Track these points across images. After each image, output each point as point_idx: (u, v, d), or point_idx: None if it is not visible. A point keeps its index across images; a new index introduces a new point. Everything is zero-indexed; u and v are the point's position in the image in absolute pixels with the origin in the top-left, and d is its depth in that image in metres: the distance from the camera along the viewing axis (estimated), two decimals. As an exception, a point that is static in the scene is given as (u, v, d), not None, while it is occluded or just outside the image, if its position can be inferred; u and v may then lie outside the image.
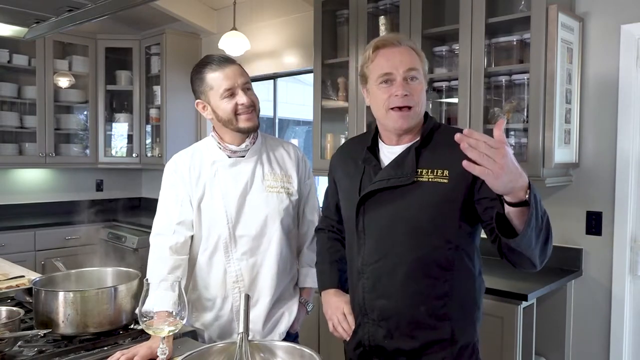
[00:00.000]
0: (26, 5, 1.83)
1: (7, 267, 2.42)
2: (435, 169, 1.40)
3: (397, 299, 1.42)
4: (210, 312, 1.74)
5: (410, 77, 1.41)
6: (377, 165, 1.49)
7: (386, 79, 1.42)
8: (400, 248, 1.42)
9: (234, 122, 1.66)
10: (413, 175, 1.41)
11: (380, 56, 1.44)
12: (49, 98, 4.43)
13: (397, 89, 1.40)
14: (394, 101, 1.41)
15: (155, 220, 1.73)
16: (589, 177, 2.57)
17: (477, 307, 1.47)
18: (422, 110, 1.47)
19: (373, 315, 1.48)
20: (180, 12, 4.28)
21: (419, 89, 1.43)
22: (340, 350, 1.66)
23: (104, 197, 5.11)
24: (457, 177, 1.37)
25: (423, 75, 1.45)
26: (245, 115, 1.66)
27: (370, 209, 1.47)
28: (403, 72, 1.40)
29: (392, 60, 1.42)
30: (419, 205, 1.40)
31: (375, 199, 1.46)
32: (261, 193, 1.71)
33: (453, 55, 2.74)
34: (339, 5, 3.19)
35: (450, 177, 1.39)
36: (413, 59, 1.43)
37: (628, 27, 2.41)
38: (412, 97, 1.41)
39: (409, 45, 1.45)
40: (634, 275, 2.47)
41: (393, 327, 1.44)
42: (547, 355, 2.60)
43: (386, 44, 1.44)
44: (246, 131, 1.69)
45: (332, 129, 3.33)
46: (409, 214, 1.41)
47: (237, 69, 1.68)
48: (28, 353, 1.39)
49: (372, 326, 1.48)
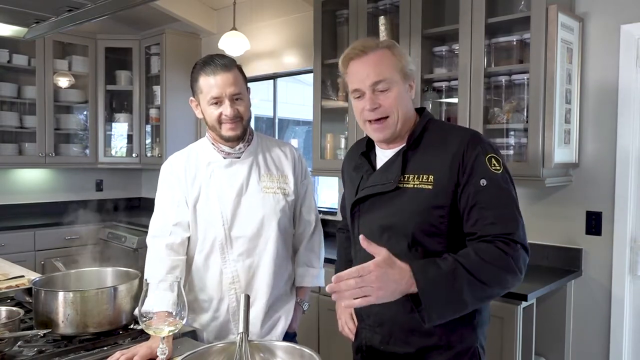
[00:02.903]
0: (26, 5, 1.83)
1: (7, 267, 2.42)
2: (420, 174, 1.38)
3: (391, 306, 1.34)
4: (206, 313, 1.74)
5: (379, 89, 1.37)
6: (368, 171, 1.49)
7: (357, 95, 1.42)
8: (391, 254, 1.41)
9: (217, 129, 1.66)
10: (396, 182, 1.39)
11: (350, 69, 1.42)
12: (48, 98, 4.43)
13: (366, 103, 1.39)
14: (366, 115, 1.41)
15: (152, 222, 1.73)
16: (588, 177, 2.57)
17: (478, 312, 1.42)
18: (404, 115, 1.41)
19: (369, 321, 1.48)
20: (180, 12, 4.28)
21: (391, 97, 1.38)
22: (340, 350, 1.67)
23: (103, 197, 5.11)
24: (441, 182, 1.35)
25: (401, 76, 1.40)
26: (229, 125, 1.65)
27: (362, 214, 1.48)
28: (369, 85, 1.37)
29: (358, 74, 1.40)
30: (405, 212, 1.38)
31: (367, 204, 1.46)
32: (257, 194, 1.71)
33: (453, 55, 2.74)
34: (339, 5, 3.19)
35: (434, 182, 1.35)
36: (381, 67, 1.37)
37: (628, 27, 2.41)
38: (384, 108, 1.38)
39: (379, 48, 1.40)
40: (634, 275, 2.47)
41: (388, 333, 1.44)
42: (547, 355, 2.60)
43: (353, 55, 1.41)
44: (228, 139, 1.69)
45: (332, 129, 3.33)
46: (396, 221, 1.38)
47: (230, 77, 1.63)
48: (28, 353, 1.39)
49: (369, 332, 1.49)
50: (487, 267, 1.24)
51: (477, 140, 1.38)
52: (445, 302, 1.21)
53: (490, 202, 1.31)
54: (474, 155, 1.34)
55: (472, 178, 1.33)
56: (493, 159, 1.35)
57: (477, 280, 1.22)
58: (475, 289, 1.23)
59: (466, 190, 1.33)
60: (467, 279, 1.22)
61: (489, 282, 1.24)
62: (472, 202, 1.32)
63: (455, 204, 1.35)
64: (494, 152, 1.37)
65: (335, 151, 3.30)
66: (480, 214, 1.31)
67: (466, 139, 1.37)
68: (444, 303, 1.21)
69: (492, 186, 1.32)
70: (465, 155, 1.35)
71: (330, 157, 3.30)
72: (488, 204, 1.31)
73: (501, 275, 1.26)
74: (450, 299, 1.21)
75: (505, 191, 1.34)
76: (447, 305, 1.22)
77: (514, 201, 1.34)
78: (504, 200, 1.33)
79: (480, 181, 1.32)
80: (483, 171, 1.33)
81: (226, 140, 1.69)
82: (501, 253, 1.26)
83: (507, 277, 1.27)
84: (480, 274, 1.23)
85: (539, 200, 2.70)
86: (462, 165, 1.34)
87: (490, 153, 1.36)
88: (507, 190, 1.34)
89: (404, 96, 1.41)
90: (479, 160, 1.34)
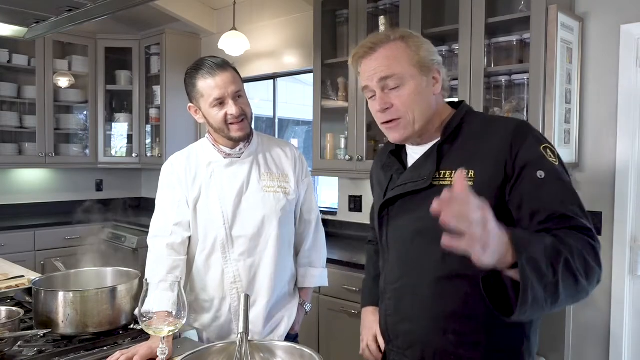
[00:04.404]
0: (26, 5, 1.83)
1: (7, 267, 2.42)
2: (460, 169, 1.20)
3: (422, 324, 1.23)
4: (208, 313, 1.74)
5: (390, 87, 1.24)
6: (399, 170, 1.35)
7: (370, 95, 1.29)
8: (424, 263, 1.25)
9: (225, 131, 1.65)
10: (430, 178, 1.23)
11: (361, 69, 1.30)
12: (48, 98, 4.43)
13: (376, 104, 1.26)
14: (378, 117, 1.29)
15: (153, 222, 1.73)
16: (588, 177, 2.56)
17: (526, 337, 1.20)
18: (423, 113, 1.26)
19: (398, 342, 1.32)
20: (180, 12, 4.28)
21: (404, 94, 1.23)
22: (340, 351, 1.66)
23: (104, 197, 5.11)
24: (483, 177, 1.17)
25: (418, 70, 1.24)
26: (237, 125, 1.64)
27: (392, 219, 1.33)
28: (377, 82, 1.24)
29: (367, 72, 1.27)
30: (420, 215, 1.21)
31: (397, 207, 1.31)
32: (258, 193, 1.71)
33: (453, 55, 2.74)
34: (338, 5, 3.20)
35: (476, 178, 1.18)
36: (391, 61, 1.23)
37: (628, 27, 2.41)
38: (396, 108, 1.24)
39: (391, 41, 1.25)
40: (634, 275, 2.47)
41: (419, 357, 1.27)
42: (547, 355, 2.60)
43: (362, 53, 1.29)
44: (237, 140, 1.68)
45: (332, 129, 3.33)
46: (430, 224, 1.07)
47: (229, 76, 1.62)
48: (28, 353, 1.39)
49: (397, 355, 1.33)
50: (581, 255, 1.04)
51: (525, 128, 1.22)
52: (544, 286, 0.97)
53: (556, 196, 1.13)
54: (525, 145, 1.17)
55: (525, 170, 1.15)
56: (548, 149, 1.19)
57: (574, 266, 1.01)
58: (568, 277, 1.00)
59: (519, 185, 1.15)
60: (564, 262, 1.00)
61: (585, 272, 1.03)
62: (531, 197, 1.14)
63: (502, 202, 1.16)
64: (547, 142, 1.22)
65: (335, 151, 3.30)
66: (546, 209, 1.11)
67: (511, 128, 1.21)
68: (543, 288, 0.97)
69: (553, 178, 1.15)
70: (513, 145, 1.18)
71: (330, 157, 3.30)
72: (553, 198, 1.13)
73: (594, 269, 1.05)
74: (547, 283, 0.98)
75: (568, 184, 1.17)
76: (545, 290, 0.97)
77: (578, 196, 1.17)
78: (570, 193, 1.15)
79: (538, 173, 1.15)
80: (539, 162, 1.16)
81: (236, 141, 1.68)
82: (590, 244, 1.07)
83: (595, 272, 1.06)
84: (576, 261, 1.02)
85: (539, 200, 2.70)
86: (511, 157, 1.17)
87: (545, 143, 1.20)
88: (570, 183, 1.18)
89: (422, 92, 1.25)
90: (533, 149, 1.17)
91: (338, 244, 3.25)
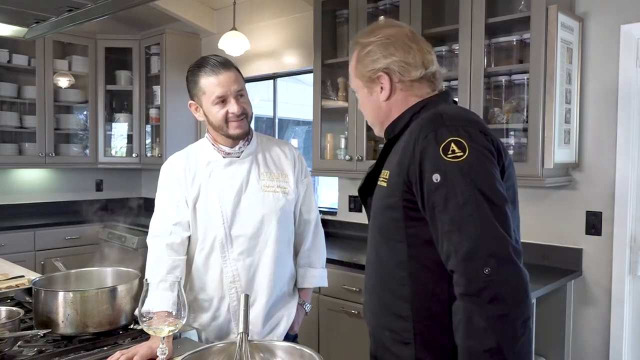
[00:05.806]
0: (26, 5, 1.83)
1: (7, 267, 2.42)
2: (385, 170, 1.21)
3: (370, 318, 1.25)
4: (207, 313, 1.74)
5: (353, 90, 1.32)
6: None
7: None
8: (371, 260, 1.29)
9: (224, 129, 1.66)
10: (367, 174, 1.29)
11: None
12: (48, 98, 4.42)
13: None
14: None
15: (152, 222, 1.73)
16: (588, 177, 2.57)
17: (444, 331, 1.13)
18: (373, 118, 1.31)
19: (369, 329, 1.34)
20: (180, 12, 4.28)
21: (360, 103, 1.33)
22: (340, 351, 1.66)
23: (103, 197, 5.11)
24: (392, 178, 1.15)
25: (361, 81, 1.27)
26: (236, 123, 1.65)
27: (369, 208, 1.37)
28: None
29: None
30: (373, 211, 1.26)
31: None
32: (257, 193, 1.71)
33: (453, 55, 2.74)
34: (338, 5, 3.20)
35: (388, 179, 1.17)
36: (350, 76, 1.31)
37: (628, 27, 2.41)
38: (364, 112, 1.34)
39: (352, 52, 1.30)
40: (634, 276, 2.47)
41: (373, 349, 1.31)
42: (547, 355, 2.60)
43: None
44: (236, 137, 1.69)
45: (332, 129, 3.33)
46: (371, 222, 1.26)
47: (232, 75, 1.64)
48: (28, 353, 1.39)
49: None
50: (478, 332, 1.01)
51: (433, 123, 1.10)
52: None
53: (445, 208, 1.04)
54: (423, 143, 1.08)
55: (424, 174, 1.07)
56: (453, 144, 1.05)
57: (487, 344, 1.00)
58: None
59: (421, 191, 1.09)
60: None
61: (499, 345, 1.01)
62: (429, 207, 1.07)
63: (409, 206, 1.12)
64: (457, 134, 1.06)
65: (335, 151, 3.30)
66: (437, 227, 1.06)
67: (420, 124, 1.13)
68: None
69: (446, 183, 1.04)
70: (415, 144, 1.10)
71: (330, 157, 3.30)
72: (442, 211, 1.04)
73: (503, 335, 1.00)
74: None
75: (463, 186, 1.03)
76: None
77: (475, 201, 1.02)
78: (461, 201, 1.02)
79: (433, 177, 1.05)
80: (435, 163, 1.05)
81: (234, 138, 1.68)
82: (474, 320, 1.01)
83: (511, 328, 1.01)
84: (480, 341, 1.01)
85: (539, 200, 2.70)
86: (413, 158, 1.09)
87: (449, 137, 1.06)
88: (467, 183, 1.03)
89: (370, 100, 1.28)
90: (430, 149, 1.07)
91: (338, 244, 3.25)
